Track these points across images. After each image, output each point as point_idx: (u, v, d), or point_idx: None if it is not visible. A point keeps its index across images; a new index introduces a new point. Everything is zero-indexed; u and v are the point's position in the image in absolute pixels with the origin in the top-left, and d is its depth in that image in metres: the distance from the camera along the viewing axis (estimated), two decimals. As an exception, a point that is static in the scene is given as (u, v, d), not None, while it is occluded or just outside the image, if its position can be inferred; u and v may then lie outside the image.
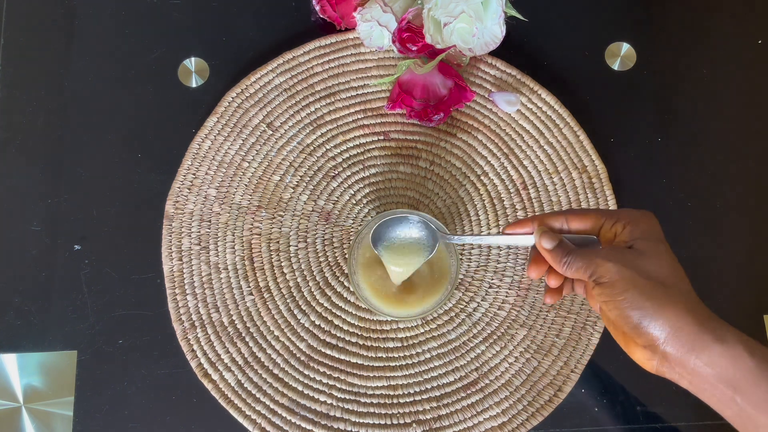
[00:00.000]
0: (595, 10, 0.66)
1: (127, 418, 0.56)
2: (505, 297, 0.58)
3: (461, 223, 0.60)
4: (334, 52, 0.63)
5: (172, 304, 0.57)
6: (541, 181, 0.61)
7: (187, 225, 0.59)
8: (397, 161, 0.61)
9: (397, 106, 0.60)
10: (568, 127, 0.61)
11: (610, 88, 0.64)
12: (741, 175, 0.63)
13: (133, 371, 0.57)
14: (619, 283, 0.38)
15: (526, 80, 0.62)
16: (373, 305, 0.54)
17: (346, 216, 0.60)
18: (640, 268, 0.38)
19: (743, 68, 0.65)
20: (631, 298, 0.38)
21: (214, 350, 0.57)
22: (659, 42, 0.65)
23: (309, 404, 0.56)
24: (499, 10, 0.59)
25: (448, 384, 0.57)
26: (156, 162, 0.61)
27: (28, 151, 0.61)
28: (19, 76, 0.63)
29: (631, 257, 0.39)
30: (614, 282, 0.38)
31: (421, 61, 0.60)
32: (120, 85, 0.63)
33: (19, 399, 0.56)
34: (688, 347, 0.37)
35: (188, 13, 0.65)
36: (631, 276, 0.38)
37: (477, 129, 0.62)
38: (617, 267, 0.38)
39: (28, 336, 0.57)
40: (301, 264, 0.59)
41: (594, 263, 0.40)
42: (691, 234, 0.61)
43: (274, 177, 0.61)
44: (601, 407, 0.57)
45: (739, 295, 0.60)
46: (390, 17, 0.59)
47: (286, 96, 0.62)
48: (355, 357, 0.57)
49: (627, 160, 0.62)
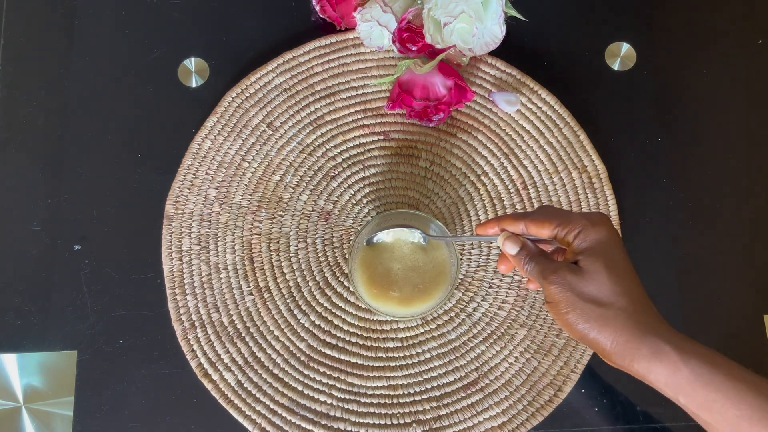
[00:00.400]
0: (595, 10, 0.66)
1: (127, 418, 0.56)
2: (505, 297, 0.58)
3: (461, 223, 0.60)
4: (334, 52, 0.63)
5: (172, 304, 0.57)
6: (541, 181, 0.61)
7: (187, 225, 0.59)
8: (397, 161, 0.61)
9: (397, 106, 0.60)
10: (568, 127, 0.61)
11: (610, 88, 0.64)
12: (741, 174, 0.63)
13: (133, 371, 0.57)
14: (561, 304, 0.41)
15: (526, 80, 0.62)
16: (373, 305, 0.54)
17: (346, 216, 0.60)
18: (579, 290, 0.41)
19: (743, 68, 0.65)
20: (574, 318, 0.41)
21: (214, 350, 0.57)
22: (659, 42, 0.65)
23: (309, 404, 0.56)
24: (499, 10, 0.59)
25: (448, 384, 0.57)
26: (156, 162, 0.61)
27: (28, 151, 0.61)
28: (19, 76, 0.63)
29: (572, 278, 0.41)
30: (557, 303, 0.41)
31: (421, 61, 0.60)
32: (120, 85, 0.63)
33: (19, 399, 0.56)
34: (629, 359, 0.40)
35: (188, 13, 0.65)
36: (570, 298, 0.41)
37: (477, 129, 0.62)
38: (559, 290, 0.41)
39: (28, 336, 0.57)
40: (301, 264, 0.59)
41: (541, 282, 0.43)
42: (691, 234, 0.61)
43: (274, 177, 0.61)
44: (601, 407, 0.57)
45: (739, 295, 0.60)
46: (390, 17, 0.59)
47: (286, 96, 0.62)
48: (355, 357, 0.57)
49: (627, 160, 0.62)
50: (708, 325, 0.60)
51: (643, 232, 0.61)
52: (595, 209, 0.60)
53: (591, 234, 0.42)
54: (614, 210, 0.60)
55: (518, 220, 0.45)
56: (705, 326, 0.60)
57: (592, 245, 0.42)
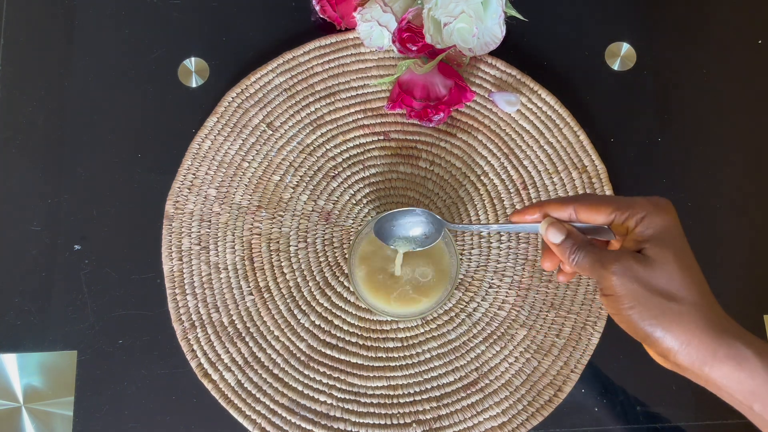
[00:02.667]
0: (595, 10, 0.66)
1: (127, 418, 0.56)
2: (505, 297, 0.58)
3: (461, 223, 0.60)
4: (334, 52, 0.63)
5: (172, 304, 0.57)
6: (541, 181, 0.61)
7: (187, 225, 0.59)
8: (397, 161, 0.61)
9: (397, 106, 0.60)
10: (568, 127, 0.61)
11: (610, 88, 0.64)
12: (741, 175, 0.63)
13: (133, 371, 0.57)
14: (624, 298, 0.37)
15: (526, 80, 0.62)
16: (373, 305, 0.54)
17: (346, 216, 0.60)
18: (647, 281, 0.36)
19: (743, 68, 0.65)
20: (638, 314, 0.36)
21: (214, 350, 0.57)
22: (659, 42, 0.65)
23: (309, 404, 0.56)
24: (499, 10, 0.59)
25: (448, 384, 0.57)
26: (156, 162, 0.61)
27: (28, 151, 0.61)
28: (19, 76, 0.63)
29: (637, 269, 0.37)
30: (619, 297, 0.37)
31: (421, 61, 0.60)
32: (120, 85, 0.63)
33: (19, 399, 0.56)
34: (700, 362, 0.36)
35: (188, 13, 0.65)
36: (636, 291, 0.36)
37: (477, 129, 0.62)
38: (622, 281, 0.37)
39: (28, 336, 0.57)
40: (301, 264, 0.59)
41: (598, 273, 0.38)
42: (691, 234, 0.61)
43: (274, 177, 0.61)
44: (601, 407, 0.57)
45: (739, 295, 0.60)
46: (390, 17, 0.59)
47: (286, 96, 0.62)
48: (355, 357, 0.57)
49: (627, 160, 0.62)
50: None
51: (643, 232, 0.61)
52: (595, 209, 0.60)
53: (656, 220, 0.37)
54: (614, 210, 0.60)
55: (565, 205, 0.40)
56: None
57: (658, 232, 0.37)
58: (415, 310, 0.54)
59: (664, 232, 0.38)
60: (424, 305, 0.54)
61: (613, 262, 0.37)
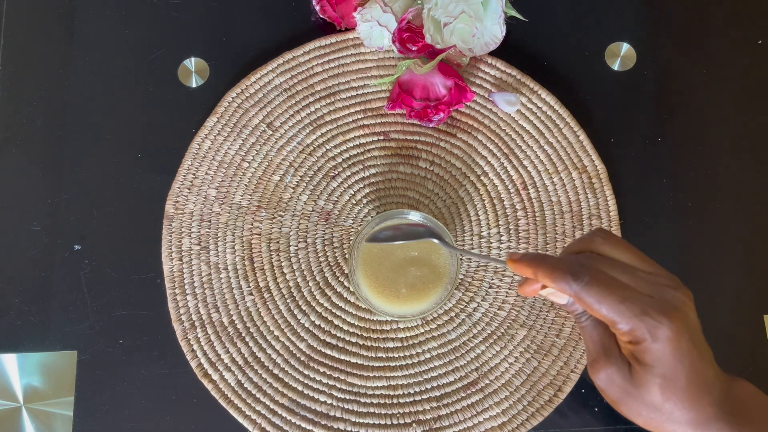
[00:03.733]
0: (595, 10, 0.66)
1: (127, 418, 0.56)
2: (505, 297, 0.58)
3: (461, 223, 0.60)
4: (334, 52, 0.63)
5: (172, 304, 0.57)
6: (541, 181, 0.61)
7: (187, 225, 0.59)
8: (397, 161, 0.61)
9: (397, 106, 0.60)
10: (568, 127, 0.61)
11: (610, 88, 0.64)
12: (741, 175, 0.63)
13: (133, 371, 0.57)
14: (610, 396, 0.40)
15: (526, 80, 0.62)
16: (373, 305, 0.54)
17: (346, 216, 0.60)
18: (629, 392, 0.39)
19: (743, 68, 0.65)
20: (626, 411, 0.39)
21: (214, 350, 0.57)
22: (659, 42, 0.65)
23: (309, 404, 0.56)
24: (499, 10, 0.59)
25: (448, 384, 0.57)
26: (156, 162, 0.61)
27: (28, 151, 0.61)
28: (19, 76, 0.63)
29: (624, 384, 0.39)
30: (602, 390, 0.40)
31: (421, 61, 0.60)
32: (120, 85, 0.63)
33: (19, 399, 0.56)
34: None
35: (188, 13, 0.65)
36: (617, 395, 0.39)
37: (477, 129, 0.62)
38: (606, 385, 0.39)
39: (28, 336, 0.57)
40: (301, 264, 0.59)
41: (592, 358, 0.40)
42: (691, 234, 0.61)
43: (274, 177, 0.61)
44: (601, 407, 0.57)
45: (739, 295, 0.60)
46: (390, 17, 0.59)
47: (286, 96, 0.62)
48: (355, 357, 0.57)
49: (627, 160, 0.62)
50: (708, 325, 0.60)
51: (643, 232, 0.61)
52: (595, 209, 0.60)
53: (653, 349, 0.37)
54: (614, 210, 0.60)
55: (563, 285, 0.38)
56: (705, 326, 0.59)
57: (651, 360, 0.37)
58: (415, 310, 0.54)
59: (655, 360, 0.37)
60: (424, 305, 0.54)
61: (601, 369, 0.39)
